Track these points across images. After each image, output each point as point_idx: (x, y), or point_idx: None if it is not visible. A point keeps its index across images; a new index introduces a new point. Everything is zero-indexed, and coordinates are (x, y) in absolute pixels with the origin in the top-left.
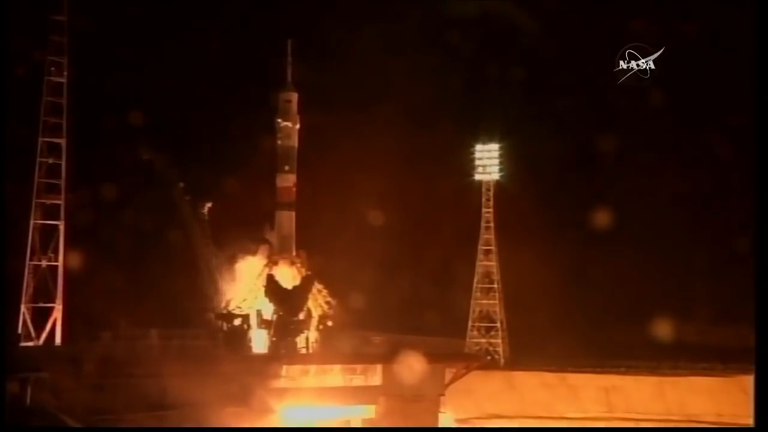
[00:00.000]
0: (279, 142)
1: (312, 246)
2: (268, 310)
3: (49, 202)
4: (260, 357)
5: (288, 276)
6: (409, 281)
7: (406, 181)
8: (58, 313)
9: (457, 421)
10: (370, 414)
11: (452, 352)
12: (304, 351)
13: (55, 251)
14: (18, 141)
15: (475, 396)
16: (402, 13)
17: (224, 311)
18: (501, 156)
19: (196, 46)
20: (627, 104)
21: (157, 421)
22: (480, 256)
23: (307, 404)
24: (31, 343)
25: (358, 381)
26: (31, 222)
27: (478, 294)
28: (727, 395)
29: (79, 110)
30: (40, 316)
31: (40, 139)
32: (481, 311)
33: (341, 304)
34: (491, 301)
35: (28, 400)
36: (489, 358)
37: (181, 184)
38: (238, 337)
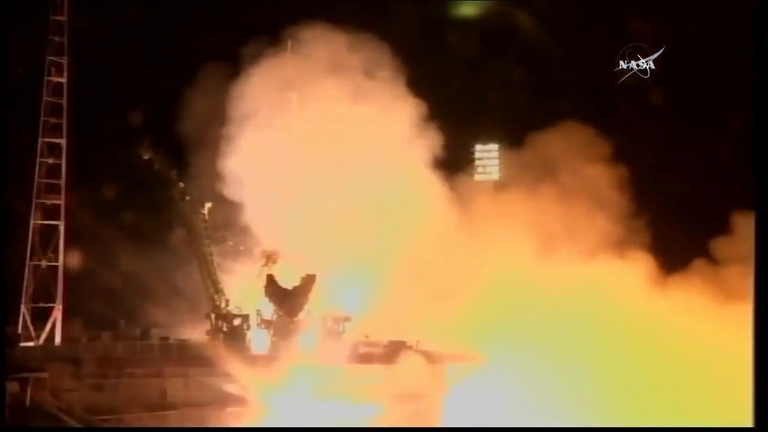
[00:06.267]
0: None
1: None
2: (268, 310)
3: (49, 202)
4: (260, 357)
5: (288, 276)
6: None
7: None
8: (58, 313)
9: None
10: (371, 414)
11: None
12: (303, 351)
13: (55, 251)
14: (18, 141)
15: None
16: (401, 12)
17: (224, 311)
18: (501, 156)
19: (196, 45)
20: (627, 104)
21: (157, 421)
22: None
23: (308, 404)
24: (31, 343)
25: (359, 381)
26: (31, 222)
27: None
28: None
29: (79, 110)
30: (40, 316)
31: (40, 139)
32: None
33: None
34: None
35: (28, 400)
36: None
37: (181, 184)
38: (238, 337)
